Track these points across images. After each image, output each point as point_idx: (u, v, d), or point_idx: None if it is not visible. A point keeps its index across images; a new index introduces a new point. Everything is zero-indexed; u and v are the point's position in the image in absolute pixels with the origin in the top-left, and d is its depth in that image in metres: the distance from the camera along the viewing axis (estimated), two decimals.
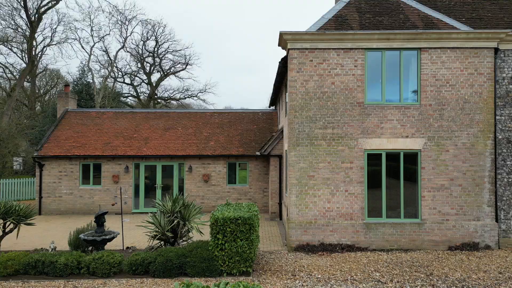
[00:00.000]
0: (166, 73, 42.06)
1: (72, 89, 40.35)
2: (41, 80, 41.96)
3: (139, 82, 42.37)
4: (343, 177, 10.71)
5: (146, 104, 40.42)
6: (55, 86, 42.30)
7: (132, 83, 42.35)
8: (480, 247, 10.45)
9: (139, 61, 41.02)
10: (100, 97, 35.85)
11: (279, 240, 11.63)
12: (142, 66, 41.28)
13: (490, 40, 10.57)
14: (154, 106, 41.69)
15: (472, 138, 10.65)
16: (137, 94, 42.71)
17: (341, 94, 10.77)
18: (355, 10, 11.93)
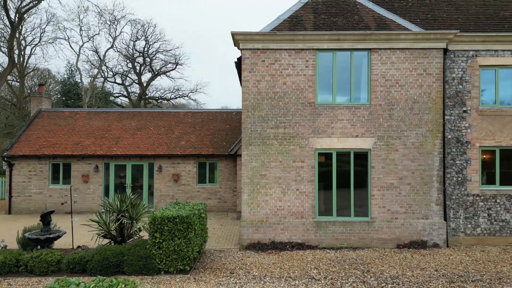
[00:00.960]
0: (157, 73, 42.04)
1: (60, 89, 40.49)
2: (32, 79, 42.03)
3: (131, 82, 42.38)
4: (294, 176, 10.82)
5: (136, 104, 40.43)
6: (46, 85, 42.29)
7: (123, 83, 42.33)
8: (428, 245, 10.61)
9: (129, 61, 40.99)
10: (88, 97, 35.81)
11: (236, 239, 11.72)
12: (133, 66, 41.26)
13: (439, 41, 10.73)
14: (145, 106, 41.68)
15: (421, 137, 10.81)
16: (128, 94, 42.66)
17: (292, 94, 10.88)
18: (311, 11, 12.04)
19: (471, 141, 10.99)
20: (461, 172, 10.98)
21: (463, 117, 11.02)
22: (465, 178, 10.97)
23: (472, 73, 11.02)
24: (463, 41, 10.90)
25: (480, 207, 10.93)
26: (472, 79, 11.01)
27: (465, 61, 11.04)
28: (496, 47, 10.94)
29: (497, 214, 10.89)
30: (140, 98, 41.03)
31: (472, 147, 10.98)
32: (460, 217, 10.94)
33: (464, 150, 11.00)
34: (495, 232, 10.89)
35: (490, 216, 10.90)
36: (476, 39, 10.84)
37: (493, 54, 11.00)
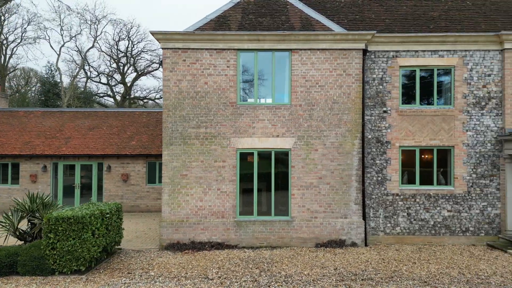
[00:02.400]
0: (141, 72, 41.83)
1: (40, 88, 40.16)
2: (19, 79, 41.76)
3: (116, 82, 42.13)
4: (215, 175, 10.83)
5: (121, 104, 40.30)
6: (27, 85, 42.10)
7: (108, 83, 42.07)
8: (346, 244, 10.70)
9: (114, 61, 40.75)
10: (67, 97, 35.57)
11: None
12: (117, 66, 41.00)
13: (358, 42, 10.82)
14: (130, 105, 41.52)
15: (340, 137, 10.89)
16: (113, 94, 42.42)
17: (214, 94, 10.89)
18: (240, 10, 12.06)
19: (391, 141, 11.11)
20: (381, 172, 11.09)
21: (384, 117, 11.13)
22: (385, 178, 11.09)
23: (392, 74, 11.13)
24: (383, 42, 11.01)
25: (400, 206, 11.05)
26: (393, 79, 11.13)
27: (385, 61, 11.15)
28: (416, 47, 11.06)
29: (417, 213, 11.02)
30: (124, 98, 40.80)
31: (392, 147, 11.10)
32: (380, 216, 11.05)
33: (384, 150, 11.11)
34: (414, 231, 11.02)
35: (410, 215, 11.03)
36: (395, 39, 10.95)
37: (414, 55, 11.13)
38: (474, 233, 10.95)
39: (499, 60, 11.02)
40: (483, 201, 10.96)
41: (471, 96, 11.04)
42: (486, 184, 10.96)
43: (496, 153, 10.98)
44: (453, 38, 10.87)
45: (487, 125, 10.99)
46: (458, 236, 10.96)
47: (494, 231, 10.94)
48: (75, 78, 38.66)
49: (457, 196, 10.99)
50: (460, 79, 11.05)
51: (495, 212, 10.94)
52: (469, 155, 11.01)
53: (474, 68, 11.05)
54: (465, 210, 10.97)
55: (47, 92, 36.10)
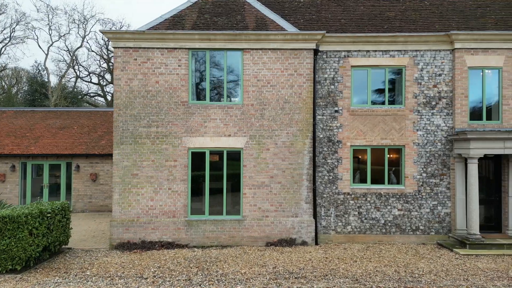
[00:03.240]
0: None
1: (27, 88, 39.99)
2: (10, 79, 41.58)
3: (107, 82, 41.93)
4: (166, 175, 10.83)
5: (111, 104, 40.17)
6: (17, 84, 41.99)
7: (99, 83, 41.87)
8: (296, 243, 10.74)
9: (105, 60, 40.55)
10: (54, 97, 35.46)
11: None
12: (108, 66, 40.81)
13: (308, 42, 10.86)
14: None
15: (291, 137, 10.93)
16: (104, 94, 42.25)
17: (165, 93, 10.89)
18: (197, 10, 12.07)
19: (342, 140, 11.16)
20: (332, 171, 11.15)
21: (335, 117, 11.18)
22: (337, 177, 11.14)
23: (344, 74, 11.18)
24: (334, 42, 11.06)
25: (351, 205, 11.11)
26: (344, 79, 11.18)
27: (337, 61, 11.20)
28: (368, 47, 11.12)
29: (368, 212, 11.09)
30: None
31: (343, 146, 11.16)
32: (331, 215, 11.10)
33: (336, 149, 11.16)
34: (365, 230, 11.08)
35: (361, 214, 11.09)
36: (346, 39, 11.01)
37: (365, 55, 11.19)
38: (424, 232, 11.03)
39: (450, 60, 11.11)
40: (433, 200, 11.04)
41: (422, 96, 11.12)
42: (437, 183, 11.05)
43: (446, 153, 11.07)
44: (403, 38, 10.94)
45: (438, 125, 11.08)
46: (408, 235, 11.03)
47: (445, 230, 11.03)
48: (63, 77, 38.51)
49: (408, 195, 11.07)
50: (411, 79, 11.13)
51: (445, 211, 11.03)
52: (420, 155, 11.09)
53: (425, 68, 11.13)
54: (416, 209, 11.04)
55: (34, 92, 35.96)
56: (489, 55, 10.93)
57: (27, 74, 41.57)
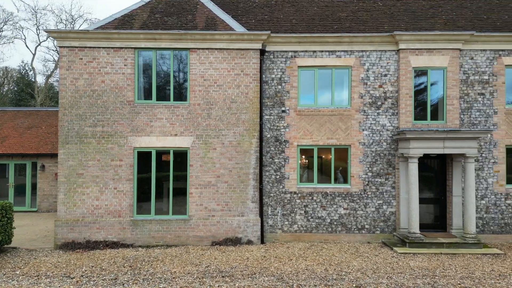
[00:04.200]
0: None
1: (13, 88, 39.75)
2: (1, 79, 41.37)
3: None
4: (112, 174, 10.82)
5: None
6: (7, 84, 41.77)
7: None
8: (242, 242, 10.78)
9: None
10: (41, 97, 35.24)
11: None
12: None
13: (254, 42, 10.91)
14: None
15: (238, 136, 10.97)
16: None
17: (111, 93, 10.89)
18: (149, 10, 12.07)
19: (289, 140, 11.22)
20: (279, 170, 11.20)
21: (282, 116, 11.24)
22: (284, 176, 11.20)
23: (291, 74, 11.24)
24: (280, 42, 11.11)
25: (298, 204, 11.17)
26: (291, 79, 11.24)
27: (284, 61, 11.26)
28: (314, 48, 11.19)
29: (314, 211, 11.15)
30: None
31: (290, 146, 11.21)
32: (278, 214, 11.16)
33: (283, 149, 11.22)
34: (311, 229, 11.15)
35: (307, 213, 11.16)
36: (292, 40, 11.07)
37: (312, 55, 11.25)
38: (370, 230, 11.12)
39: (395, 60, 11.20)
40: (378, 199, 11.14)
41: (368, 96, 11.20)
42: (382, 182, 11.14)
43: (391, 152, 11.16)
44: (348, 39, 11.02)
45: (383, 125, 11.17)
46: (354, 234, 11.12)
47: (390, 228, 11.13)
48: (50, 77, 38.27)
49: (354, 194, 11.16)
50: (357, 79, 11.21)
51: (390, 210, 11.13)
52: (366, 154, 11.18)
53: (371, 68, 11.21)
54: (361, 208, 11.13)
55: (20, 92, 35.75)
56: (433, 55, 11.03)
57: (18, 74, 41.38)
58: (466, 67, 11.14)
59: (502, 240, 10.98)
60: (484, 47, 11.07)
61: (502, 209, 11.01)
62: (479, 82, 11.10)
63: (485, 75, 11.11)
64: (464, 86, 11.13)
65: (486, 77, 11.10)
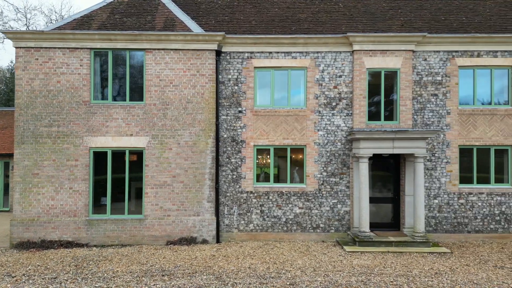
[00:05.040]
0: None
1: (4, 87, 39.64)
2: None
3: None
4: (68, 174, 10.87)
5: None
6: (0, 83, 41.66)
7: None
8: (197, 242, 10.87)
9: None
10: None
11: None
12: None
13: (209, 43, 10.99)
14: None
15: (194, 136, 11.05)
16: None
17: (67, 93, 10.93)
18: (109, 10, 12.12)
19: (246, 140, 11.32)
20: (236, 170, 11.29)
21: (239, 117, 11.33)
22: (240, 176, 11.29)
23: (247, 75, 11.34)
24: (236, 43, 11.21)
25: (254, 204, 11.27)
26: (247, 80, 11.33)
27: (240, 62, 11.35)
28: (270, 49, 11.29)
29: (270, 210, 11.26)
30: None
31: (247, 146, 11.31)
32: (234, 213, 11.25)
33: (239, 149, 11.31)
34: (267, 228, 11.25)
35: (263, 212, 11.26)
36: (247, 41, 11.16)
37: (268, 56, 11.35)
38: (324, 229, 11.24)
39: (350, 61, 11.33)
40: (333, 198, 11.26)
41: (323, 97, 11.32)
42: (337, 182, 11.27)
43: (346, 152, 11.29)
44: (303, 40, 11.13)
45: (338, 125, 11.30)
46: (309, 233, 11.24)
47: (344, 227, 11.25)
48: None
49: (309, 193, 11.27)
50: (313, 80, 11.33)
51: (345, 209, 11.26)
52: (321, 154, 11.30)
53: (326, 69, 11.34)
54: (316, 207, 11.25)
55: (9, 92, 35.61)
56: (387, 56, 11.17)
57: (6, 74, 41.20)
58: (420, 68, 11.29)
59: (455, 239, 11.14)
60: (438, 48, 11.22)
61: (455, 208, 11.18)
62: (432, 83, 11.26)
63: (438, 76, 11.26)
64: (417, 87, 11.28)
65: (439, 78, 11.26)
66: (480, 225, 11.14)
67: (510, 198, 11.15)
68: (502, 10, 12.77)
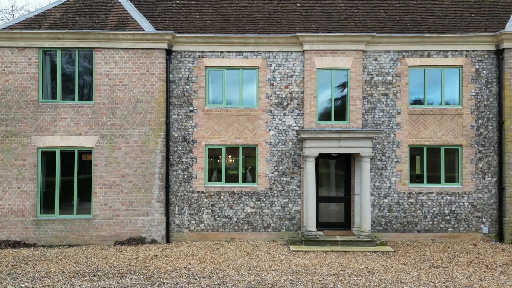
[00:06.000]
0: None
1: None
2: None
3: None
4: (16, 174, 10.78)
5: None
6: None
7: None
8: (146, 242, 10.83)
9: None
10: None
11: None
12: None
13: (159, 42, 10.95)
14: None
15: (143, 136, 11.01)
16: None
17: (15, 92, 10.84)
18: (63, 9, 12.04)
19: (197, 139, 11.29)
20: (187, 170, 11.26)
21: (190, 116, 11.30)
22: (191, 176, 11.26)
23: (198, 74, 11.31)
24: (186, 42, 11.18)
25: (205, 203, 11.24)
26: (199, 79, 11.31)
27: (191, 61, 11.32)
28: (221, 48, 11.27)
29: (221, 210, 11.24)
30: None
31: (198, 146, 11.28)
32: (185, 213, 11.22)
33: (191, 148, 11.28)
34: (218, 228, 11.23)
35: (214, 212, 11.24)
36: (198, 40, 11.14)
37: (219, 56, 11.33)
38: (275, 229, 11.24)
39: (301, 61, 11.34)
40: (284, 198, 11.26)
41: (274, 97, 11.32)
42: (288, 181, 11.27)
43: (297, 152, 11.29)
44: (253, 40, 11.13)
45: (289, 125, 11.30)
46: (260, 232, 11.23)
47: (295, 227, 11.26)
48: None
49: (260, 193, 11.27)
50: (264, 80, 11.32)
51: (296, 209, 11.26)
52: (272, 154, 11.30)
53: (277, 69, 11.34)
54: (267, 207, 11.25)
55: None
56: (337, 56, 11.20)
57: None
58: (370, 68, 11.32)
59: (405, 238, 11.18)
60: (388, 48, 11.26)
61: (405, 208, 11.22)
62: (383, 83, 11.30)
63: (388, 76, 11.30)
64: (368, 86, 11.31)
65: (389, 77, 11.30)
66: (430, 225, 11.19)
67: (460, 198, 11.22)
68: (458, 10, 12.85)
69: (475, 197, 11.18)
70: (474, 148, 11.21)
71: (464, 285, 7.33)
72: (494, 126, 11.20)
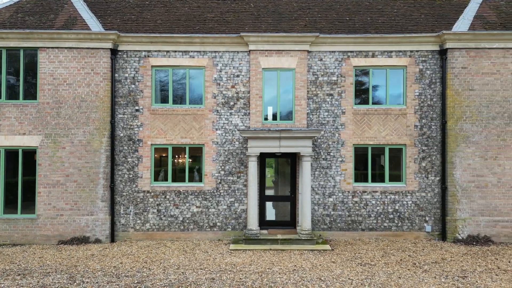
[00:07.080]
0: None
1: None
2: None
3: None
4: None
5: None
6: None
7: None
8: (90, 241, 10.83)
9: None
10: None
11: None
12: None
13: (104, 41, 10.97)
14: None
15: (88, 135, 11.01)
16: None
17: None
18: (14, 9, 11.98)
19: (143, 139, 11.31)
20: (132, 169, 11.28)
21: (136, 115, 11.32)
22: (137, 175, 11.28)
23: (144, 73, 11.33)
24: (132, 42, 11.20)
25: (151, 203, 11.27)
26: (145, 79, 11.33)
27: (137, 61, 11.34)
28: (167, 48, 11.30)
29: (167, 209, 11.27)
30: None
31: (144, 145, 11.31)
32: (131, 213, 11.24)
33: (136, 148, 11.30)
34: (164, 227, 11.26)
35: (160, 211, 11.27)
36: (143, 40, 11.16)
37: (165, 55, 11.37)
38: (221, 228, 11.29)
39: (247, 61, 11.40)
40: (230, 197, 11.32)
41: (221, 96, 11.38)
42: (234, 180, 11.33)
43: (243, 151, 11.36)
44: (199, 39, 11.17)
45: (236, 124, 11.35)
46: (206, 232, 11.27)
47: (241, 226, 11.32)
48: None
49: (206, 192, 11.32)
50: (210, 80, 11.37)
51: (242, 208, 11.32)
52: (219, 153, 11.35)
53: (224, 69, 11.39)
54: (213, 206, 11.30)
55: None
56: (283, 56, 11.27)
57: None
58: (316, 68, 11.41)
59: (349, 237, 11.28)
60: (333, 48, 11.36)
61: (349, 207, 11.32)
62: (328, 83, 11.39)
63: (333, 76, 11.40)
64: (313, 87, 11.40)
65: (334, 78, 11.40)
66: (374, 223, 11.30)
67: (404, 197, 11.34)
68: (408, 11, 12.98)
69: (419, 196, 11.31)
70: (418, 147, 11.34)
71: (381, 282, 7.43)
72: (438, 125, 11.34)
